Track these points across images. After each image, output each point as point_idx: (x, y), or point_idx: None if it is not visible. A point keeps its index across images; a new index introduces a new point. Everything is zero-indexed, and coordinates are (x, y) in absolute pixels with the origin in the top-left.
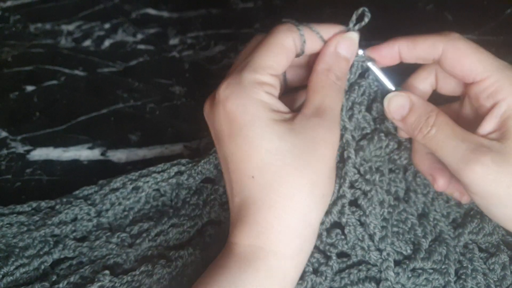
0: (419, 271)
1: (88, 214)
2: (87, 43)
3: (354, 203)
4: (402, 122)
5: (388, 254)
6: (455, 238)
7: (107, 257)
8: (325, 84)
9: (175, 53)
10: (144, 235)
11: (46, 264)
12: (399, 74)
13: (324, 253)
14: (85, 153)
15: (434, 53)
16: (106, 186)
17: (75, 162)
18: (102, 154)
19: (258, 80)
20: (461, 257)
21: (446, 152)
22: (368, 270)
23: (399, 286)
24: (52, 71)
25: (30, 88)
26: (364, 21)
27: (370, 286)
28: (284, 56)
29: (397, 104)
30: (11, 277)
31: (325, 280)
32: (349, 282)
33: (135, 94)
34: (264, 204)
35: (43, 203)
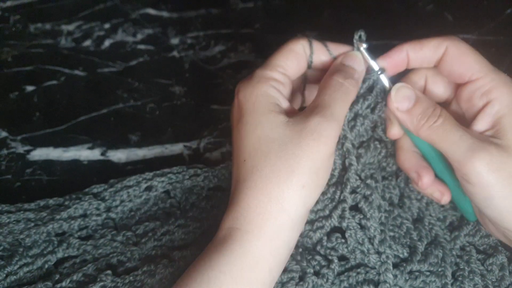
0: (416, 274)
1: (97, 209)
2: (87, 43)
3: (353, 208)
4: (407, 113)
5: (387, 257)
6: (452, 241)
7: (111, 255)
8: (328, 85)
9: (175, 53)
10: (150, 234)
11: (50, 263)
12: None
13: (325, 257)
14: (85, 153)
15: (438, 53)
16: (117, 184)
17: (75, 162)
18: (102, 154)
19: (266, 75)
20: (458, 259)
21: (452, 141)
22: (366, 272)
23: None
24: (52, 71)
25: (30, 88)
26: (362, 44)
27: None
28: (294, 58)
29: (404, 95)
30: (15, 276)
31: (326, 282)
32: (348, 285)
33: (135, 94)
34: (246, 184)
35: (51, 201)
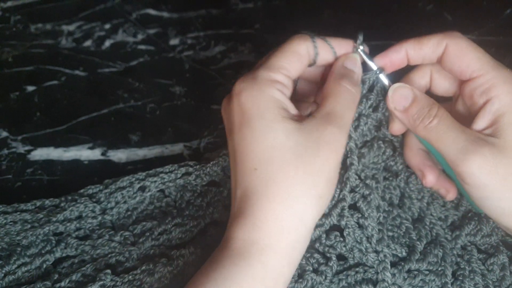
0: (414, 272)
1: (93, 211)
2: (88, 43)
3: (352, 206)
4: (404, 112)
5: (385, 256)
6: (453, 241)
7: (109, 255)
8: (337, 91)
9: (175, 53)
10: (147, 234)
11: (48, 262)
12: (398, 76)
13: (324, 255)
14: (85, 153)
15: (439, 51)
16: (112, 185)
17: (76, 162)
18: (103, 154)
19: (271, 78)
20: (458, 259)
21: (446, 142)
22: (365, 272)
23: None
24: (53, 71)
25: (30, 88)
26: (360, 42)
27: None
28: (297, 60)
29: (402, 95)
30: (13, 276)
31: (325, 279)
32: (347, 284)
33: (135, 94)
34: (262, 196)
35: (47, 201)
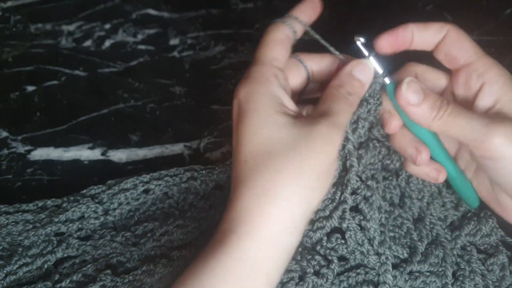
0: (416, 274)
1: (95, 212)
2: (88, 43)
3: (353, 208)
4: (418, 106)
5: (386, 258)
6: (452, 241)
7: (110, 256)
8: (334, 96)
9: (175, 53)
10: (149, 235)
11: (49, 263)
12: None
13: (325, 257)
14: (85, 153)
15: (439, 36)
16: (115, 186)
17: (76, 162)
18: (103, 154)
19: (264, 72)
20: (458, 259)
21: (465, 124)
22: (366, 273)
23: None
24: (53, 71)
25: (30, 88)
26: (361, 42)
27: None
28: (281, 46)
29: (414, 89)
30: (14, 276)
31: (326, 282)
32: (348, 285)
33: (135, 94)
34: (246, 186)
35: (49, 202)
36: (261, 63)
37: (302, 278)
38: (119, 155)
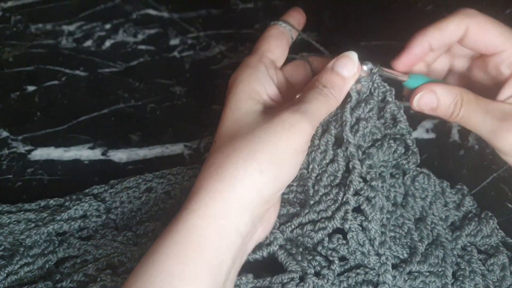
0: (415, 274)
1: (97, 210)
2: (88, 43)
3: (355, 209)
4: (433, 112)
5: (386, 258)
6: (453, 241)
7: (111, 256)
8: (308, 87)
9: (175, 53)
10: (150, 234)
11: (50, 263)
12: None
13: (326, 258)
14: (86, 153)
15: (459, 33)
16: (117, 185)
17: (76, 162)
18: (103, 154)
19: (254, 61)
20: (459, 259)
21: (477, 126)
22: (366, 273)
23: None
24: (53, 71)
25: (31, 88)
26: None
27: None
28: (277, 40)
29: (426, 102)
30: (15, 276)
31: (327, 282)
32: (347, 285)
33: (135, 94)
34: (205, 166)
35: (51, 201)
36: (255, 53)
37: (302, 278)
38: (119, 155)
